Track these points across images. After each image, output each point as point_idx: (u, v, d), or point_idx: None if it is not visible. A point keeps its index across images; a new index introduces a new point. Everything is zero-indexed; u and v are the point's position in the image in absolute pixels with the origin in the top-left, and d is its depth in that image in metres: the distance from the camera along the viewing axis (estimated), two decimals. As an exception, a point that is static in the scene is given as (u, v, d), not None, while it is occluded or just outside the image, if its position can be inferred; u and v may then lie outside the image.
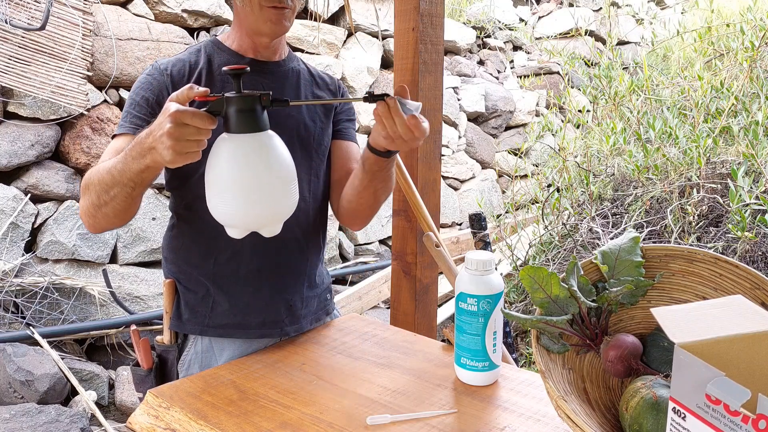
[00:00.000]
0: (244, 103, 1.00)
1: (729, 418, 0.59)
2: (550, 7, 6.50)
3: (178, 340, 1.34)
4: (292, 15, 1.27)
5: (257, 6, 1.22)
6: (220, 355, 1.31)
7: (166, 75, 1.26)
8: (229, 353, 1.31)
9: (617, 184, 3.44)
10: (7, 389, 2.58)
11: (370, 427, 0.97)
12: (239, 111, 1.00)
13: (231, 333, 1.31)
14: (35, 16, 2.89)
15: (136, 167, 1.04)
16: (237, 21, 1.31)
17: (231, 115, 1.01)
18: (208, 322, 1.30)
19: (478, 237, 2.44)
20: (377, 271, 3.90)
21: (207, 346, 1.32)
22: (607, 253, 0.97)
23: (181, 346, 1.33)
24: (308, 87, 1.39)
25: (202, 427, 0.99)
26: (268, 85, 1.32)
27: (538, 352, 0.90)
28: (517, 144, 5.33)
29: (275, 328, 1.33)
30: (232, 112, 1.00)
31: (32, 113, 2.94)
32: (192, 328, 1.31)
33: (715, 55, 3.98)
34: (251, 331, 1.31)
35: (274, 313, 1.32)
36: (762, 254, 2.58)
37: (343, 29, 4.22)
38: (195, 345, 1.32)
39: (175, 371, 1.33)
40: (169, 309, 1.32)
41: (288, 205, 1.07)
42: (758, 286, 0.86)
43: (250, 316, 1.31)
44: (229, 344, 1.32)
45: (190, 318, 1.31)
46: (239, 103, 1.00)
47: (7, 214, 2.82)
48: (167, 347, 1.33)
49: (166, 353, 1.33)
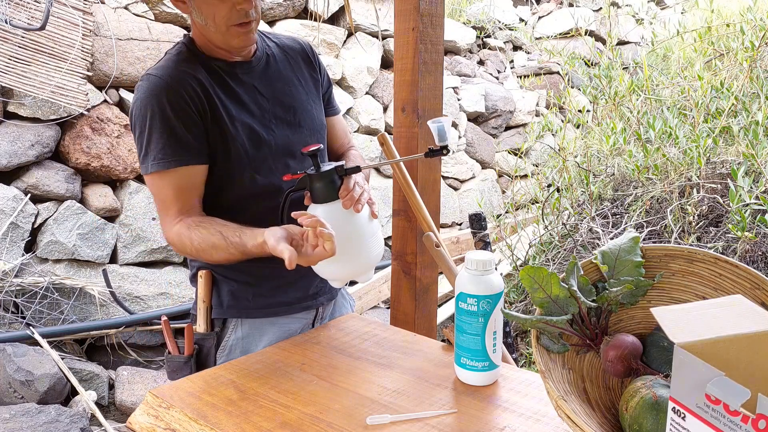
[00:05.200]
0: (326, 177, 1.19)
1: (729, 418, 0.59)
2: (550, 7, 6.50)
3: (215, 328, 1.38)
4: (257, 24, 1.30)
5: (223, 26, 1.24)
6: (260, 340, 1.37)
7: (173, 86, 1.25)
8: (269, 337, 1.37)
9: (617, 184, 3.44)
10: (7, 389, 2.58)
11: (370, 427, 0.97)
12: (322, 185, 1.19)
13: (275, 312, 1.38)
14: (35, 16, 2.89)
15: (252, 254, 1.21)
16: (200, 33, 1.31)
17: (316, 188, 1.20)
18: (252, 305, 1.37)
19: (478, 237, 2.44)
20: (377, 271, 3.90)
21: (247, 331, 1.38)
22: (607, 253, 0.97)
23: (220, 334, 1.38)
24: (286, 67, 1.43)
25: (202, 427, 0.99)
26: (259, 83, 1.36)
27: (538, 352, 0.90)
28: (517, 144, 5.33)
29: (313, 300, 1.43)
30: (316, 186, 1.19)
31: (32, 113, 2.94)
32: (236, 312, 1.37)
33: (715, 55, 3.98)
34: (294, 306, 1.40)
35: (310, 286, 1.42)
36: (762, 254, 2.58)
37: (343, 29, 4.22)
38: (236, 331, 1.38)
39: (212, 359, 1.38)
40: (206, 299, 1.37)
41: (375, 255, 1.27)
42: (758, 286, 0.86)
43: (289, 293, 1.39)
44: (269, 327, 1.38)
45: (233, 304, 1.37)
46: (321, 178, 1.19)
47: (7, 214, 2.82)
48: (204, 335, 1.38)
49: (203, 341, 1.38)
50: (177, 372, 1.38)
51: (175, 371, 1.38)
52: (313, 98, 1.46)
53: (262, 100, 1.35)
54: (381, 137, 1.52)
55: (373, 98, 4.41)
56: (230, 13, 1.22)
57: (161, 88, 1.23)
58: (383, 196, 4.31)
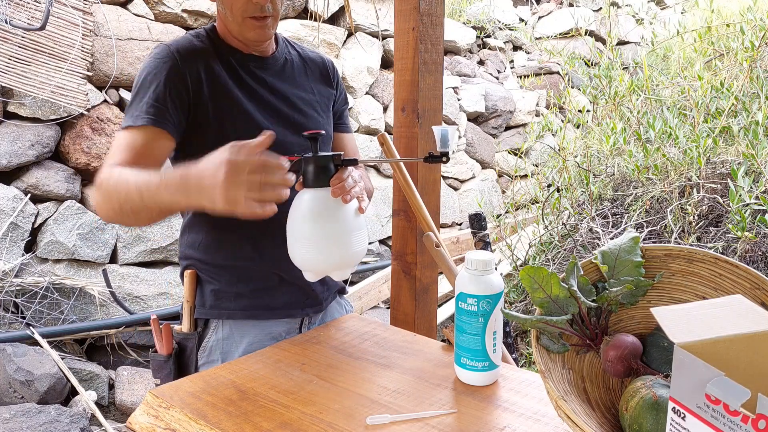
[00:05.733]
0: (320, 162, 1.16)
1: (729, 418, 0.59)
2: (550, 7, 6.50)
3: (198, 328, 1.37)
4: (275, 21, 1.31)
5: (239, 17, 1.26)
6: (241, 342, 1.35)
7: (178, 57, 1.25)
8: (249, 339, 1.35)
9: (617, 184, 3.44)
10: (7, 389, 2.59)
11: (370, 427, 0.97)
12: (315, 169, 1.15)
13: (257, 315, 1.36)
14: (35, 16, 2.89)
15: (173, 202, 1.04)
16: (221, 20, 1.34)
17: (308, 171, 1.16)
18: (234, 306, 1.35)
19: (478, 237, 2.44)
20: (377, 271, 3.90)
21: (228, 333, 1.36)
22: (607, 253, 0.97)
23: (202, 334, 1.37)
24: (301, 75, 1.44)
25: (202, 427, 0.99)
26: (270, 80, 1.37)
27: (538, 352, 0.90)
28: (517, 144, 5.33)
29: (298, 309, 1.40)
30: (309, 169, 1.15)
31: (32, 113, 2.94)
32: (218, 313, 1.35)
33: (715, 55, 3.98)
34: (277, 312, 1.37)
35: (297, 293, 1.39)
36: (762, 254, 2.58)
37: (343, 29, 4.22)
38: (216, 332, 1.36)
39: (193, 359, 1.37)
40: (190, 299, 1.37)
41: (356, 252, 1.19)
42: (758, 286, 0.86)
43: (276, 298, 1.36)
44: (250, 329, 1.36)
45: (215, 304, 1.36)
46: (316, 163, 1.15)
47: (7, 214, 2.82)
48: (187, 335, 1.37)
49: (186, 341, 1.37)
50: (158, 370, 1.37)
51: (156, 369, 1.38)
52: (322, 108, 1.46)
53: (269, 96, 1.36)
54: (381, 137, 1.51)
55: (373, 98, 4.41)
56: (247, 5, 1.25)
57: (166, 57, 1.25)
58: (383, 196, 4.31)
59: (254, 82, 1.35)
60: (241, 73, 1.33)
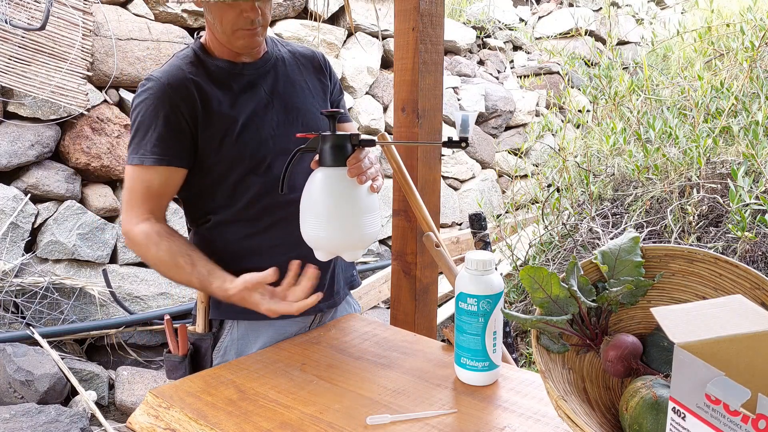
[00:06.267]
0: (338, 141, 1.16)
1: (729, 417, 0.59)
2: (550, 7, 6.50)
3: (212, 329, 1.38)
4: (264, 29, 1.32)
5: (228, 30, 1.27)
6: (255, 341, 1.36)
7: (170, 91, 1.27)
8: (264, 339, 1.36)
9: (617, 184, 3.44)
10: (7, 389, 2.58)
11: (370, 427, 0.97)
12: (332, 147, 1.16)
13: None
14: (35, 16, 2.89)
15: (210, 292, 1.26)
16: (209, 30, 1.35)
17: (325, 150, 1.16)
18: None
19: (478, 237, 2.44)
20: (377, 271, 3.90)
21: (243, 332, 1.37)
22: (607, 253, 0.97)
23: (217, 334, 1.38)
24: (294, 70, 1.45)
25: (202, 427, 0.99)
26: (264, 82, 1.37)
27: (538, 352, 0.90)
28: (517, 144, 5.33)
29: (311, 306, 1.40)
30: (326, 148, 1.16)
31: (32, 113, 2.94)
32: (233, 314, 1.36)
33: (715, 55, 3.98)
34: None
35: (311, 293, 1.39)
36: (762, 254, 2.58)
37: (343, 29, 4.22)
38: (231, 332, 1.37)
39: (208, 359, 1.38)
40: (205, 299, 1.38)
41: (368, 234, 1.19)
42: (758, 286, 0.86)
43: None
44: (265, 329, 1.37)
45: (230, 305, 1.34)
46: (334, 141, 1.16)
47: (7, 214, 2.82)
48: (201, 336, 1.38)
49: (200, 341, 1.38)
50: (173, 371, 1.38)
51: (171, 370, 1.39)
52: (319, 103, 1.46)
53: (265, 99, 1.36)
54: (381, 137, 1.52)
55: (373, 98, 4.41)
56: (237, 19, 1.25)
57: (158, 91, 1.27)
58: (383, 196, 4.30)
59: (247, 89, 1.35)
60: (232, 86, 1.33)
